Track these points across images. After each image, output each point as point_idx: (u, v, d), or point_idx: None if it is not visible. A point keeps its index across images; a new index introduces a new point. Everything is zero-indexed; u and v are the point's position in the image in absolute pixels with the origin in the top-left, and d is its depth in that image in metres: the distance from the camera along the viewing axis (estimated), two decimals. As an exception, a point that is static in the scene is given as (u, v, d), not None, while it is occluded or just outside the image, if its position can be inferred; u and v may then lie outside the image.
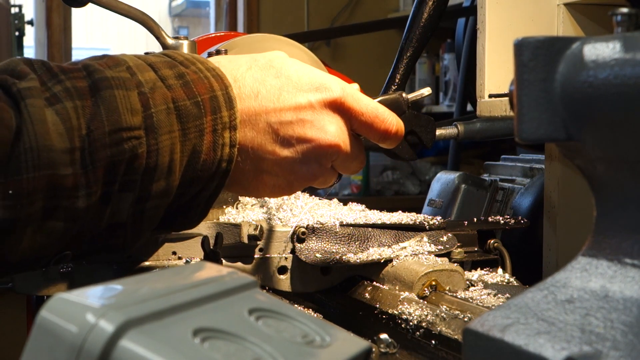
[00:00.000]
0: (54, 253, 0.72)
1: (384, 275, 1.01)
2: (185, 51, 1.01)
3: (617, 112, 0.48)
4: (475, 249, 1.12)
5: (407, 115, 0.94)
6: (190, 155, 0.74)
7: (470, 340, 0.49)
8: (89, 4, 1.02)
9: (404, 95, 0.93)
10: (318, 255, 1.02)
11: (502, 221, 1.14)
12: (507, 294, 0.94)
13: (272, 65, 0.81)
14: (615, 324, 0.45)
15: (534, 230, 1.19)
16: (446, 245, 1.06)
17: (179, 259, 1.03)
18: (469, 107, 2.38)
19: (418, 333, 0.87)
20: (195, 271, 0.58)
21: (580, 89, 0.50)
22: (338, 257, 1.01)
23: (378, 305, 0.96)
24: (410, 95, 0.94)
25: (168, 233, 0.96)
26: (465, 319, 0.85)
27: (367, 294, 1.01)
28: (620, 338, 0.44)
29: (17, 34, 4.18)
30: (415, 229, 1.08)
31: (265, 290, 1.01)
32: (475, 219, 1.15)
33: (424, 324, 0.87)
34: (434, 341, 0.85)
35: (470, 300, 0.91)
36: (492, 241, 1.12)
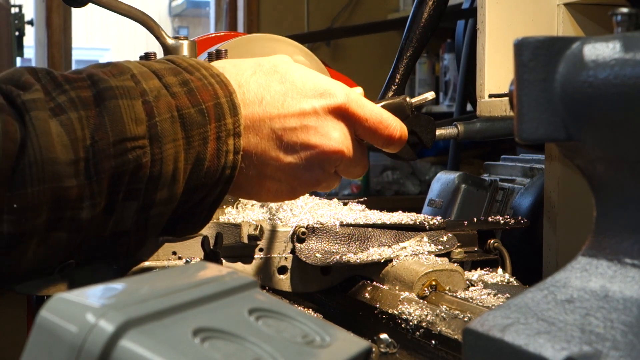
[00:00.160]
0: (58, 262, 0.72)
1: (384, 275, 1.01)
2: (185, 51, 1.01)
3: (617, 112, 0.48)
4: (475, 249, 1.12)
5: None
6: (194, 163, 0.73)
7: (470, 340, 0.49)
8: (89, 4, 1.02)
9: (408, 99, 0.93)
10: (318, 255, 1.02)
11: (502, 221, 1.14)
12: (507, 294, 0.94)
13: (277, 71, 0.81)
14: (615, 324, 0.45)
15: (534, 230, 1.19)
16: (446, 245, 1.06)
17: (179, 259, 1.03)
18: (469, 107, 2.38)
19: (418, 333, 0.87)
20: (195, 271, 0.58)
21: (580, 89, 0.50)
22: (338, 257, 1.01)
23: (378, 305, 0.96)
24: (414, 100, 0.94)
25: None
26: (465, 319, 0.85)
27: (367, 294, 1.01)
28: (620, 338, 0.44)
29: (17, 34, 4.18)
30: (415, 229, 1.08)
31: (265, 290, 1.01)
32: (475, 219, 1.15)
33: (424, 324, 0.87)
34: (434, 341, 0.85)
35: (470, 300, 0.91)
36: (492, 241, 1.12)
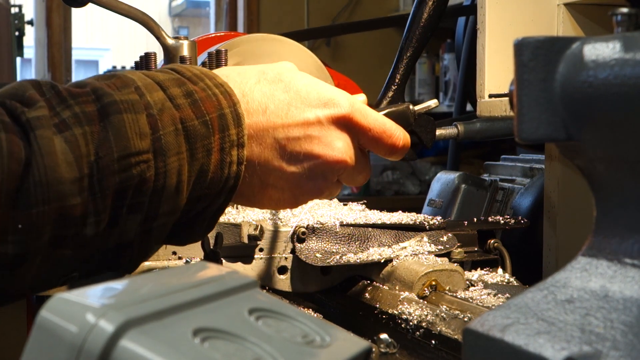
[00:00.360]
0: (62, 276, 0.72)
1: (384, 275, 1.01)
2: (185, 51, 1.01)
3: (617, 112, 0.48)
4: (475, 249, 1.12)
5: None
6: (198, 174, 0.73)
7: (470, 340, 0.49)
8: (89, 4, 1.02)
9: (411, 107, 0.93)
10: (318, 255, 1.02)
11: (502, 221, 1.14)
12: (507, 294, 0.94)
13: (281, 79, 0.80)
14: (615, 324, 0.45)
15: (534, 230, 1.19)
16: (446, 245, 1.06)
17: (179, 259, 1.03)
18: (469, 107, 2.38)
19: (418, 333, 0.87)
20: (195, 271, 0.58)
21: (580, 89, 0.50)
22: (338, 257, 1.01)
23: (378, 305, 0.96)
24: (417, 107, 0.94)
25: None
26: (465, 319, 0.85)
27: (367, 294, 1.01)
28: (620, 338, 0.44)
29: (17, 34, 4.18)
30: (415, 229, 1.08)
31: (265, 290, 1.01)
32: (475, 219, 1.15)
33: (424, 324, 0.87)
34: (434, 341, 0.85)
35: (470, 300, 0.91)
36: (492, 241, 1.12)
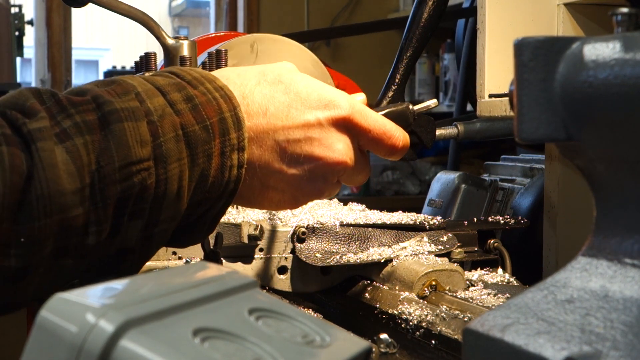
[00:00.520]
0: (63, 285, 0.71)
1: (384, 275, 1.01)
2: (185, 51, 1.01)
3: (617, 112, 0.48)
4: (475, 249, 1.12)
5: None
6: (198, 179, 0.73)
7: (470, 340, 0.49)
8: (89, 4, 1.02)
9: (411, 107, 0.93)
10: (318, 255, 1.02)
11: (502, 221, 1.14)
12: (507, 294, 0.94)
13: (281, 81, 0.80)
14: (615, 324, 0.45)
15: (534, 230, 1.19)
16: (446, 245, 1.06)
17: (179, 259, 1.03)
18: (469, 107, 2.38)
19: (418, 333, 0.87)
20: (195, 271, 0.58)
21: (580, 89, 0.50)
22: (338, 257, 1.01)
23: (378, 305, 0.96)
24: (416, 107, 0.94)
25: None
26: (465, 319, 0.85)
27: (367, 294, 1.01)
28: (620, 338, 0.44)
29: (17, 34, 4.18)
30: (415, 229, 1.08)
31: (265, 290, 1.01)
32: (475, 219, 1.15)
33: (424, 324, 0.87)
34: (434, 341, 0.85)
35: (470, 300, 0.91)
36: (492, 241, 1.12)
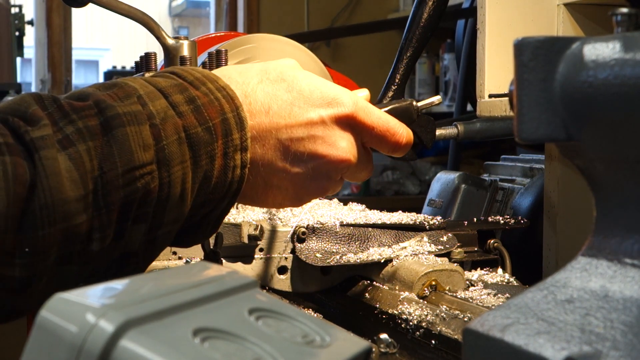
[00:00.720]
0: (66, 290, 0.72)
1: (384, 275, 1.01)
2: (185, 51, 1.01)
3: (617, 112, 0.48)
4: (475, 249, 1.12)
5: None
6: (202, 181, 0.73)
7: (470, 340, 0.49)
8: (89, 4, 1.02)
9: (415, 103, 0.93)
10: (318, 255, 1.02)
11: (502, 221, 1.14)
12: (507, 294, 0.94)
13: (284, 79, 0.80)
14: (615, 324, 0.45)
15: (534, 230, 1.19)
16: (446, 245, 1.06)
17: (179, 259, 1.03)
18: (469, 107, 2.38)
19: (418, 333, 0.87)
20: (195, 271, 0.58)
21: (580, 89, 0.50)
22: (338, 257, 1.01)
23: (378, 305, 0.96)
24: (420, 104, 0.94)
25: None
26: (465, 319, 0.85)
27: (367, 294, 1.01)
28: (620, 338, 0.44)
29: (17, 34, 4.19)
30: (415, 229, 1.08)
31: (265, 290, 1.01)
32: (475, 219, 1.15)
33: (424, 324, 0.87)
34: (434, 341, 0.85)
35: (470, 300, 0.91)
36: (492, 241, 1.12)
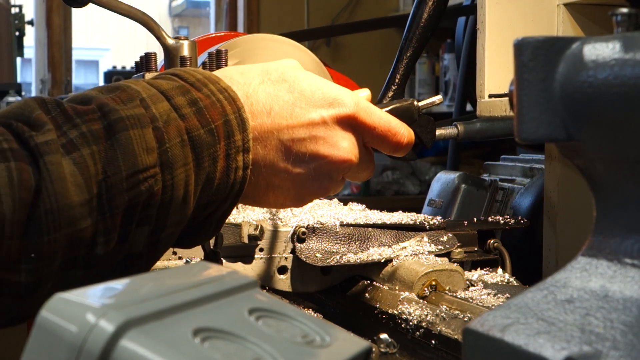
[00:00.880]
0: None
1: (384, 275, 1.01)
2: (185, 51, 1.01)
3: (617, 112, 0.48)
4: (475, 249, 1.12)
5: None
6: (204, 183, 0.73)
7: (470, 340, 0.49)
8: (89, 4, 1.02)
9: (416, 103, 0.93)
10: (318, 255, 1.02)
11: (502, 221, 1.14)
12: (507, 294, 0.94)
13: (285, 79, 0.80)
14: (615, 324, 0.45)
15: (534, 230, 1.19)
16: (446, 245, 1.06)
17: (179, 259, 1.03)
18: (469, 107, 2.38)
19: (418, 333, 0.87)
20: (195, 271, 0.58)
21: (580, 89, 0.50)
22: (338, 257, 1.01)
23: (378, 305, 0.96)
24: (421, 103, 0.94)
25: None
26: (465, 319, 0.85)
27: (367, 294, 1.01)
28: (620, 338, 0.44)
29: (17, 34, 4.19)
30: (415, 229, 1.08)
31: (265, 290, 1.01)
32: (475, 219, 1.15)
33: (424, 324, 0.87)
34: (434, 341, 0.85)
35: (470, 300, 0.91)
36: (492, 241, 1.12)
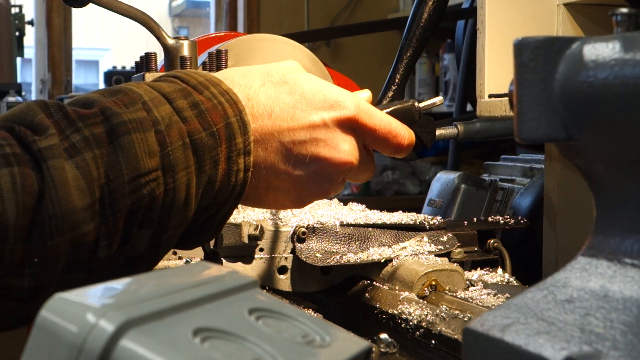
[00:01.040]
0: None
1: (384, 275, 1.01)
2: (185, 51, 1.01)
3: (617, 112, 0.48)
4: (475, 249, 1.12)
5: None
6: (206, 185, 0.73)
7: (470, 340, 0.49)
8: (89, 4, 1.02)
9: (417, 104, 0.93)
10: (318, 255, 1.02)
11: (502, 221, 1.14)
12: (507, 294, 0.94)
13: (286, 81, 0.80)
14: (615, 324, 0.45)
15: (534, 230, 1.19)
16: (446, 245, 1.06)
17: (179, 259, 1.03)
18: (469, 107, 2.38)
19: (418, 333, 0.87)
20: (195, 271, 0.58)
21: (580, 89, 0.50)
22: (338, 257, 1.01)
23: (378, 305, 0.96)
24: (422, 104, 0.94)
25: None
26: (465, 319, 0.85)
27: (367, 294, 1.01)
28: (620, 338, 0.44)
29: (17, 34, 4.19)
30: (415, 229, 1.08)
31: (265, 290, 1.01)
32: (475, 219, 1.15)
33: (424, 324, 0.87)
34: (434, 341, 0.85)
35: (470, 300, 0.91)
36: (492, 241, 1.12)
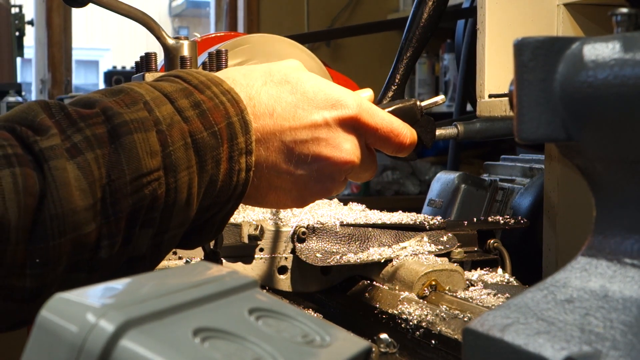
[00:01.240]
0: None
1: (384, 275, 1.01)
2: (185, 51, 1.01)
3: (617, 112, 0.48)
4: (475, 249, 1.12)
5: None
6: (207, 185, 0.73)
7: (470, 340, 0.49)
8: (89, 4, 1.02)
9: (418, 103, 0.93)
10: (318, 255, 1.02)
11: (502, 221, 1.14)
12: (507, 294, 0.94)
13: (288, 81, 0.80)
14: (615, 324, 0.45)
15: (534, 230, 1.19)
16: (446, 245, 1.06)
17: (179, 259, 1.03)
18: (469, 107, 2.38)
19: (418, 333, 0.87)
20: (195, 271, 0.58)
21: (580, 89, 0.50)
22: (338, 257, 1.01)
23: (378, 305, 0.96)
24: (424, 103, 0.94)
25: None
26: (465, 319, 0.85)
27: (367, 294, 1.01)
28: (620, 338, 0.44)
29: (17, 34, 4.19)
30: (415, 229, 1.08)
31: (265, 290, 1.01)
32: (475, 219, 1.15)
33: (424, 324, 0.87)
34: (434, 341, 0.85)
35: (470, 300, 0.91)
36: (492, 241, 1.12)
